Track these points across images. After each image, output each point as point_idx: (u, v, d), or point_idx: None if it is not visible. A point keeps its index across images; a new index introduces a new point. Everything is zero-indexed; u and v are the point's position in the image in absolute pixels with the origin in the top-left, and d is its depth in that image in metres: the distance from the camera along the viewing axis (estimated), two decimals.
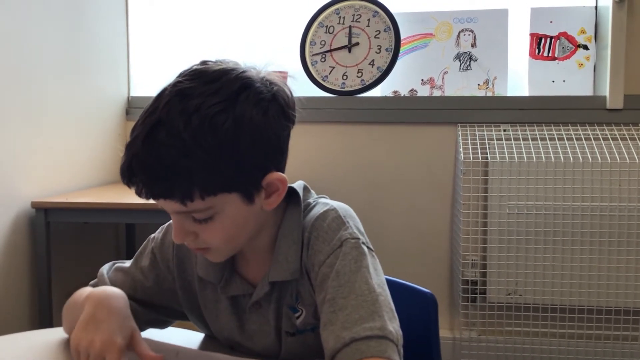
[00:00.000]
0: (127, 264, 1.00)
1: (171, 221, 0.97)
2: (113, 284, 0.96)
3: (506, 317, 2.14)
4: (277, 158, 0.83)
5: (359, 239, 0.85)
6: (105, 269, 1.00)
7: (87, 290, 0.94)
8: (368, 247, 0.85)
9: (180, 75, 0.79)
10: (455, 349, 2.21)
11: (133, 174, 0.76)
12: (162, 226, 0.99)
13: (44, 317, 1.92)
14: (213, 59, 0.82)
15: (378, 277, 0.83)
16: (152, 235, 0.99)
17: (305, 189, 0.94)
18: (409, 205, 2.34)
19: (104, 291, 0.88)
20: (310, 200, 0.93)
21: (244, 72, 0.79)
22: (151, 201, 0.80)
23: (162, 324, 1.02)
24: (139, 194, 0.78)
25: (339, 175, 2.37)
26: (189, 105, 0.74)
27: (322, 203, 0.91)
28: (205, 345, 0.99)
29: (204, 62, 0.81)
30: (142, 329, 0.99)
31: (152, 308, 0.98)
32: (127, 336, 0.82)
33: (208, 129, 0.74)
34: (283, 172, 0.83)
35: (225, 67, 0.79)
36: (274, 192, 0.83)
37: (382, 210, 2.34)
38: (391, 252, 2.30)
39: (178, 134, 0.73)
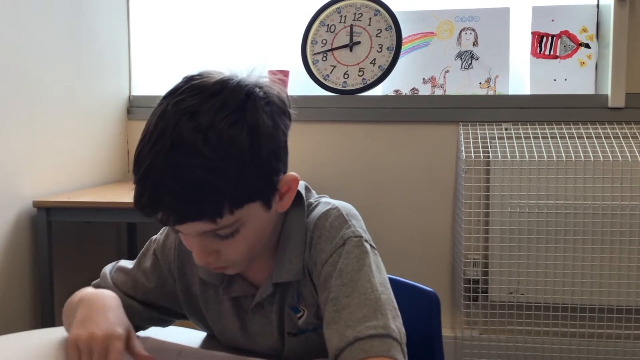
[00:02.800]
0: (130, 264, 1.00)
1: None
2: (115, 283, 0.97)
3: (508, 315, 2.13)
4: (285, 158, 0.83)
5: (361, 237, 0.85)
6: (108, 268, 1.01)
7: (83, 291, 0.94)
8: (371, 245, 0.85)
9: (176, 93, 0.76)
10: (457, 348, 2.21)
11: (158, 203, 0.73)
12: (163, 227, 0.99)
13: (45, 317, 1.92)
14: (197, 72, 0.80)
15: (380, 276, 0.83)
16: (154, 237, 0.99)
17: (307, 189, 0.94)
18: (410, 204, 2.34)
19: (96, 292, 0.90)
20: (312, 200, 0.93)
21: (240, 80, 0.78)
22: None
23: (163, 323, 1.02)
24: (164, 222, 0.75)
25: (340, 175, 2.37)
26: (200, 122, 0.72)
27: (324, 202, 0.91)
28: (207, 344, 0.99)
29: (193, 77, 0.79)
30: (144, 327, 1.00)
31: (153, 308, 0.98)
32: (126, 329, 0.82)
33: (227, 143, 0.72)
34: (286, 171, 0.84)
35: (222, 78, 0.78)
36: (286, 192, 0.83)
37: (384, 210, 2.34)
38: (393, 251, 2.30)
39: (199, 153, 0.71)
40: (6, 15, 1.82)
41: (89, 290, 0.91)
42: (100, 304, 0.86)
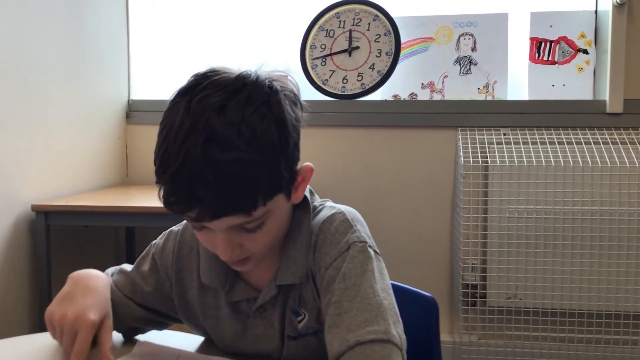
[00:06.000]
0: (131, 267, 1.00)
1: (173, 228, 0.98)
2: (115, 284, 0.97)
3: (506, 321, 2.13)
4: (299, 148, 0.84)
5: (366, 242, 0.85)
6: (110, 270, 1.02)
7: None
8: (375, 251, 0.86)
9: (196, 90, 0.76)
10: (455, 353, 2.21)
11: (194, 199, 0.72)
12: (163, 232, 0.99)
13: (43, 321, 1.91)
14: (208, 69, 0.79)
15: (383, 281, 0.83)
16: (154, 241, 0.99)
17: (311, 192, 0.94)
18: (409, 209, 2.34)
19: (85, 271, 0.91)
20: (316, 203, 0.93)
21: (257, 76, 0.79)
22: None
23: (160, 325, 1.03)
24: (199, 218, 0.75)
25: (339, 179, 2.37)
26: (231, 117, 0.73)
27: (329, 206, 0.92)
28: (205, 348, 0.98)
29: (207, 74, 0.78)
30: (143, 329, 1.00)
31: (150, 311, 0.98)
32: (101, 315, 0.84)
33: (260, 136, 0.73)
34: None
35: (242, 74, 0.78)
36: (301, 183, 0.84)
37: (382, 214, 2.34)
38: (391, 256, 2.29)
39: (235, 147, 0.72)
40: (5, 20, 1.82)
41: (81, 270, 0.92)
42: (84, 283, 0.87)
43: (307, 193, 0.91)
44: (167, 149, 0.73)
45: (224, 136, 0.72)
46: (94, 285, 0.87)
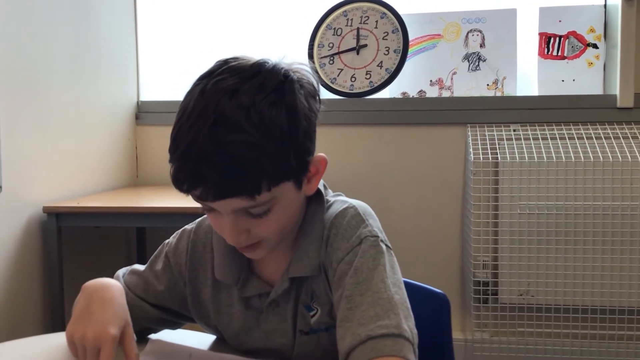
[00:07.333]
0: (143, 267, 1.01)
1: (186, 227, 0.98)
2: (127, 285, 0.98)
3: (518, 317, 2.12)
4: (315, 140, 0.84)
5: (377, 236, 0.85)
6: (122, 271, 1.02)
7: (89, 281, 0.95)
8: (386, 245, 0.86)
9: (214, 74, 0.78)
10: (467, 350, 2.20)
11: (200, 178, 0.74)
12: (176, 232, 1.00)
13: (55, 321, 1.93)
14: (232, 56, 0.81)
15: (394, 276, 0.83)
16: (167, 241, 1.00)
17: (324, 186, 0.94)
18: (419, 207, 2.33)
19: (98, 282, 0.91)
20: (329, 197, 0.94)
21: (276, 64, 0.80)
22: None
23: (173, 325, 1.03)
24: (203, 198, 0.76)
25: (348, 177, 2.37)
26: (241, 101, 0.74)
27: (341, 201, 0.92)
28: (217, 346, 0.99)
29: (228, 60, 0.80)
30: (156, 329, 1.01)
31: (163, 310, 0.98)
32: (121, 326, 0.84)
33: (269, 121, 0.74)
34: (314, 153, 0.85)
35: (260, 61, 0.79)
36: (314, 175, 0.85)
37: (392, 212, 2.34)
38: (401, 253, 2.26)
39: (242, 129, 0.73)
40: (14, 22, 1.83)
41: (93, 280, 0.92)
42: (100, 295, 0.87)
43: (320, 187, 0.91)
44: (180, 129, 0.76)
45: (232, 119, 0.73)
46: (109, 296, 0.87)
